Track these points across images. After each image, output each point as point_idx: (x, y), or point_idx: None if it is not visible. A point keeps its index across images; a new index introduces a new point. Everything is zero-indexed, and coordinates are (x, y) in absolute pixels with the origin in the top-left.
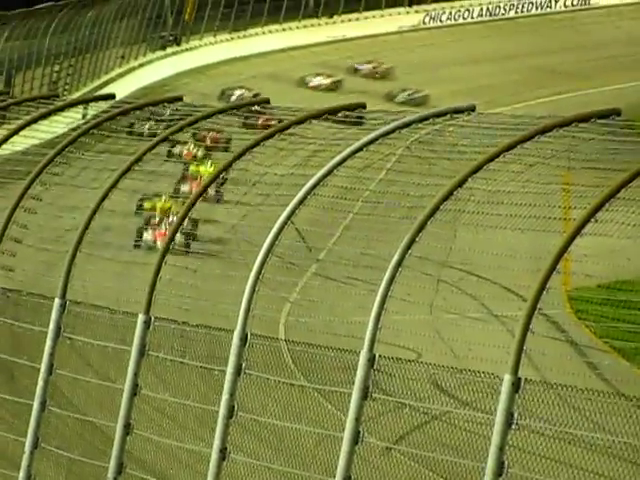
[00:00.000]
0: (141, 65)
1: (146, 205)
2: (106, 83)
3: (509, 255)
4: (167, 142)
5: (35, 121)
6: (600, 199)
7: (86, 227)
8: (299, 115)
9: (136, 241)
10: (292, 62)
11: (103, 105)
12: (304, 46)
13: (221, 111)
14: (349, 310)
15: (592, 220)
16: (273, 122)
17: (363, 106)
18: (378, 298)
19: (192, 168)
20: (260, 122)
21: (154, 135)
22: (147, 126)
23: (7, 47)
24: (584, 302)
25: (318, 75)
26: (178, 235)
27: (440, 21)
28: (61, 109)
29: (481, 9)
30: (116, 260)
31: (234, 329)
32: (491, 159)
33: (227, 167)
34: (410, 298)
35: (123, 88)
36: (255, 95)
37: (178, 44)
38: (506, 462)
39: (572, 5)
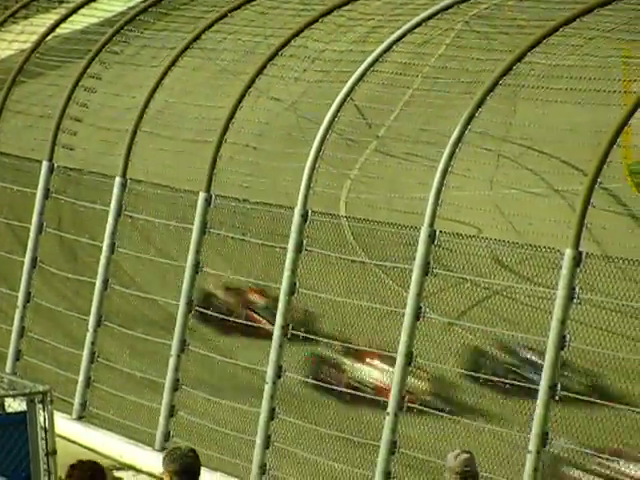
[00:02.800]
0: None
1: None
2: None
3: (569, 129)
4: None
5: None
6: None
7: (146, 105)
8: None
9: None
10: None
11: None
12: None
13: None
14: (409, 186)
15: None
16: None
17: None
18: (438, 174)
19: None
20: None
21: None
22: None
23: None
24: None
25: None
26: None
27: None
28: None
29: None
30: (176, 138)
31: (295, 206)
32: (550, 33)
33: (285, 44)
34: (470, 174)
35: None
36: None
37: None
38: (568, 336)
39: None
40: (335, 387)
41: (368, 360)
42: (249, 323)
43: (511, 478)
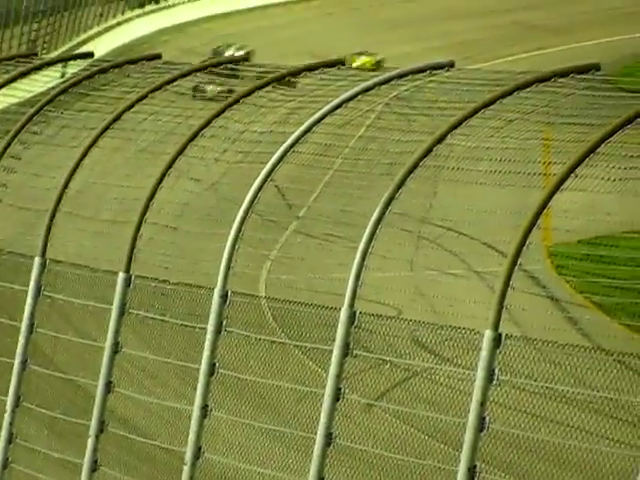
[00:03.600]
0: (119, 23)
1: None
2: (85, 41)
3: (489, 211)
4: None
5: (14, 80)
6: (580, 154)
7: (65, 186)
8: (278, 72)
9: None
10: (271, 20)
11: (82, 63)
12: (283, 3)
13: (199, 69)
14: (330, 267)
15: (572, 175)
16: None
17: (342, 62)
18: (358, 255)
19: None
20: None
21: None
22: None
23: None
24: (564, 257)
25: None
26: None
27: None
28: (40, 68)
29: None
30: (96, 219)
31: (214, 287)
32: (471, 115)
33: (206, 125)
34: (390, 255)
35: (102, 46)
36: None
37: (157, 2)
38: (487, 418)
39: None
40: None
41: None
42: None
43: None
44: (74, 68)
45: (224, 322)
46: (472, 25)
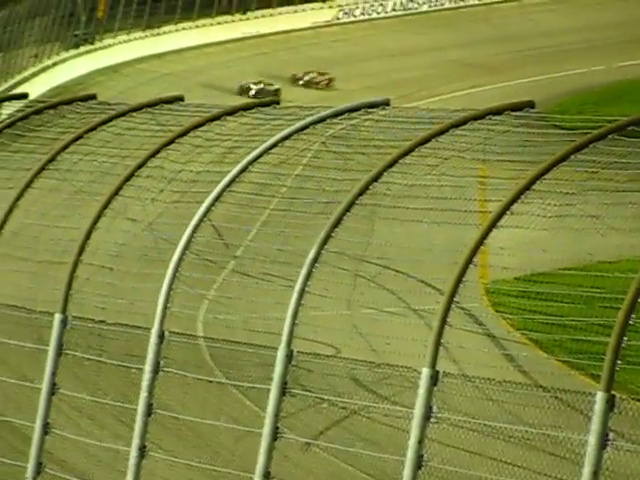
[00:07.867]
0: (54, 64)
1: None
2: (19, 83)
3: (426, 249)
4: None
5: None
6: (515, 191)
7: (1, 227)
8: (214, 112)
9: None
10: (206, 59)
11: (17, 104)
12: (218, 43)
13: (134, 109)
14: (267, 306)
15: (508, 212)
16: None
17: (277, 102)
18: (295, 294)
19: None
20: None
21: None
22: None
23: None
24: (501, 295)
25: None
26: None
27: (354, 16)
28: None
29: (394, 3)
30: (32, 260)
31: (152, 327)
32: (406, 153)
33: (141, 165)
34: (327, 293)
35: (36, 87)
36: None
37: (92, 43)
38: (425, 455)
39: None
40: None
41: None
42: None
43: None
44: (9, 109)
45: (161, 362)
46: (407, 63)
